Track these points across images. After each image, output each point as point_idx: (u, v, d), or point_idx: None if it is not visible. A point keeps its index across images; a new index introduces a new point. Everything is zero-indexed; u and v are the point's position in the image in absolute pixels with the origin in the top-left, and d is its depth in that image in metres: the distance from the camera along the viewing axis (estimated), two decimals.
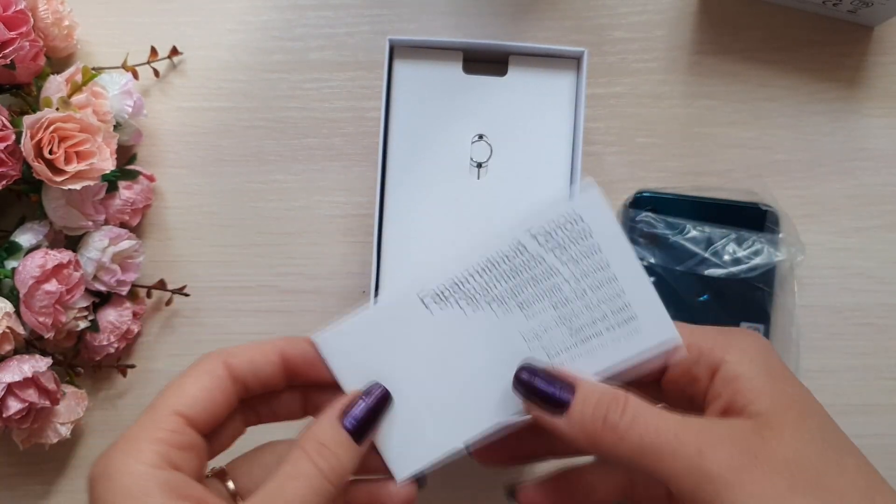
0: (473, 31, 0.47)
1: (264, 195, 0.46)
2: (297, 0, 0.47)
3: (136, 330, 0.45)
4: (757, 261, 0.45)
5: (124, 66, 0.45)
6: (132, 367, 0.46)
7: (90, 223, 0.42)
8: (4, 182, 0.40)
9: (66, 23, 0.44)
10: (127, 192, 0.44)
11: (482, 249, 0.33)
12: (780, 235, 0.45)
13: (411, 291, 0.33)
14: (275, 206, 0.46)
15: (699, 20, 0.47)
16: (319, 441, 0.29)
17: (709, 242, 0.45)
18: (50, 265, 0.39)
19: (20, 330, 0.40)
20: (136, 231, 0.46)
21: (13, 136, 0.39)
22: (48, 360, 0.41)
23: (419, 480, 0.33)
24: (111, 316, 0.43)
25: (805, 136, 0.47)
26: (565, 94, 0.42)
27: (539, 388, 0.31)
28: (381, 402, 0.32)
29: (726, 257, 0.45)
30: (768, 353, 0.31)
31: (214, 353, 0.31)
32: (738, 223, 0.45)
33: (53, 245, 0.42)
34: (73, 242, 0.43)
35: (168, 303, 0.46)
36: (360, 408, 0.31)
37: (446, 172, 0.42)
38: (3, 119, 0.39)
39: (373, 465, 0.33)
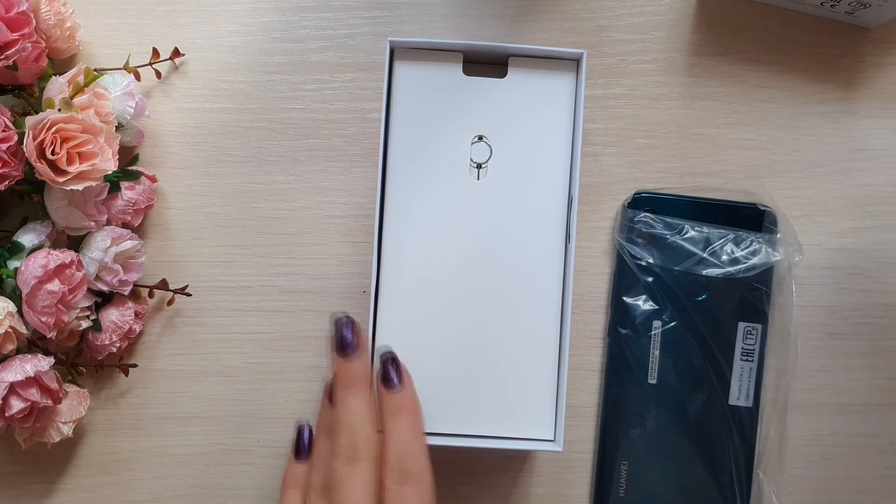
0: (473, 32, 0.47)
1: (265, 196, 0.47)
2: (298, 2, 0.47)
3: (138, 329, 0.45)
4: (755, 261, 0.45)
5: (126, 68, 0.45)
6: (134, 366, 0.46)
7: (92, 223, 0.42)
8: (7, 183, 0.40)
9: (69, 24, 0.44)
10: (129, 193, 0.44)
11: None
12: (778, 235, 0.46)
13: None
14: (276, 206, 0.47)
15: (697, 22, 0.47)
16: None
17: (707, 242, 0.45)
18: (52, 265, 0.39)
19: (23, 329, 0.40)
20: (138, 231, 0.46)
21: (15, 137, 0.40)
22: (50, 360, 0.41)
23: None
24: (113, 315, 0.44)
25: (803, 137, 0.47)
26: (564, 95, 0.42)
27: None
28: None
29: (724, 257, 0.45)
30: None
31: None
32: (736, 223, 0.46)
33: (56, 245, 0.43)
34: (75, 243, 0.43)
35: (170, 302, 0.46)
36: None
37: (446, 173, 0.42)
38: (6, 120, 0.40)
39: None
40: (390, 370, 0.38)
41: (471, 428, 0.41)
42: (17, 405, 0.39)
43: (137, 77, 0.46)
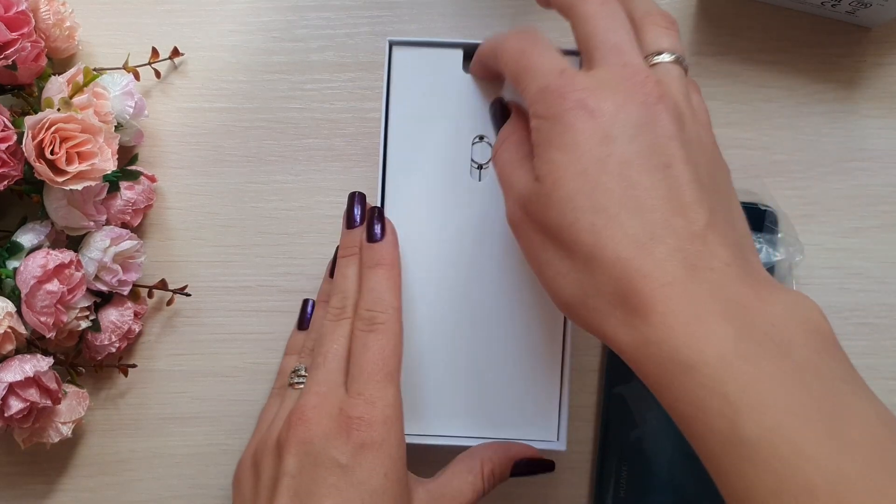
0: (474, 32, 0.47)
1: (265, 195, 0.47)
2: (298, 1, 0.47)
3: (137, 330, 0.45)
4: None
5: (125, 67, 0.45)
6: (133, 366, 0.46)
7: (92, 223, 0.42)
8: (6, 182, 0.40)
9: (68, 24, 0.44)
10: (128, 193, 0.44)
11: None
12: (779, 235, 0.45)
13: None
14: (275, 206, 0.47)
15: (698, 21, 0.47)
16: (492, 470, 0.38)
17: None
18: (51, 265, 0.39)
19: (22, 330, 0.40)
20: (138, 231, 0.46)
21: (15, 137, 0.40)
22: (49, 360, 0.41)
23: None
24: (112, 316, 0.44)
25: (804, 137, 0.47)
26: None
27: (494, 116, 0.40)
28: (546, 468, 0.40)
29: None
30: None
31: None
32: None
33: (55, 245, 0.42)
34: (74, 242, 0.43)
35: (169, 302, 0.46)
36: (532, 465, 0.39)
37: (447, 174, 0.42)
38: (5, 120, 0.40)
39: None
40: (374, 223, 0.39)
41: (472, 430, 0.41)
42: (16, 405, 0.39)
43: (137, 77, 0.45)
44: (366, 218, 0.40)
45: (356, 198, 0.41)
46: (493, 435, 0.41)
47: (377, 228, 0.39)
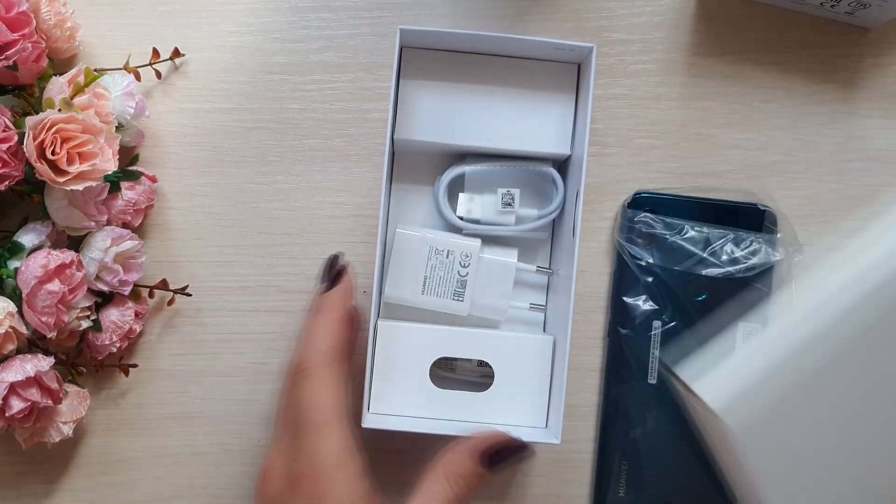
0: None
1: (265, 196, 0.47)
2: (298, 2, 0.47)
3: (138, 329, 0.45)
4: (755, 260, 0.45)
5: (126, 68, 0.45)
6: (134, 366, 0.46)
7: (92, 223, 0.42)
8: (7, 183, 0.40)
9: (69, 24, 0.44)
10: (129, 193, 0.44)
11: None
12: (778, 235, 0.46)
13: None
14: (276, 206, 0.47)
15: (697, 22, 0.47)
16: (455, 471, 0.35)
17: (707, 243, 0.45)
18: (52, 265, 0.39)
19: (23, 329, 0.40)
20: (139, 231, 0.46)
21: (16, 137, 0.40)
22: (50, 360, 0.41)
23: None
24: (113, 315, 0.44)
25: (803, 137, 0.47)
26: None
27: None
28: (520, 450, 0.37)
29: (724, 257, 0.45)
30: None
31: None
32: (736, 223, 0.46)
33: (56, 245, 0.43)
34: (75, 243, 0.43)
35: (170, 302, 0.46)
36: (503, 453, 0.37)
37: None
38: (6, 120, 0.40)
39: None
40: (326, 274, 0.40)
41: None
42: (17, 405, 0.39)
43: (137, 77, 0.46)
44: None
45: (330, 264, 0.40)
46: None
47: (326, 280, 0.40)
